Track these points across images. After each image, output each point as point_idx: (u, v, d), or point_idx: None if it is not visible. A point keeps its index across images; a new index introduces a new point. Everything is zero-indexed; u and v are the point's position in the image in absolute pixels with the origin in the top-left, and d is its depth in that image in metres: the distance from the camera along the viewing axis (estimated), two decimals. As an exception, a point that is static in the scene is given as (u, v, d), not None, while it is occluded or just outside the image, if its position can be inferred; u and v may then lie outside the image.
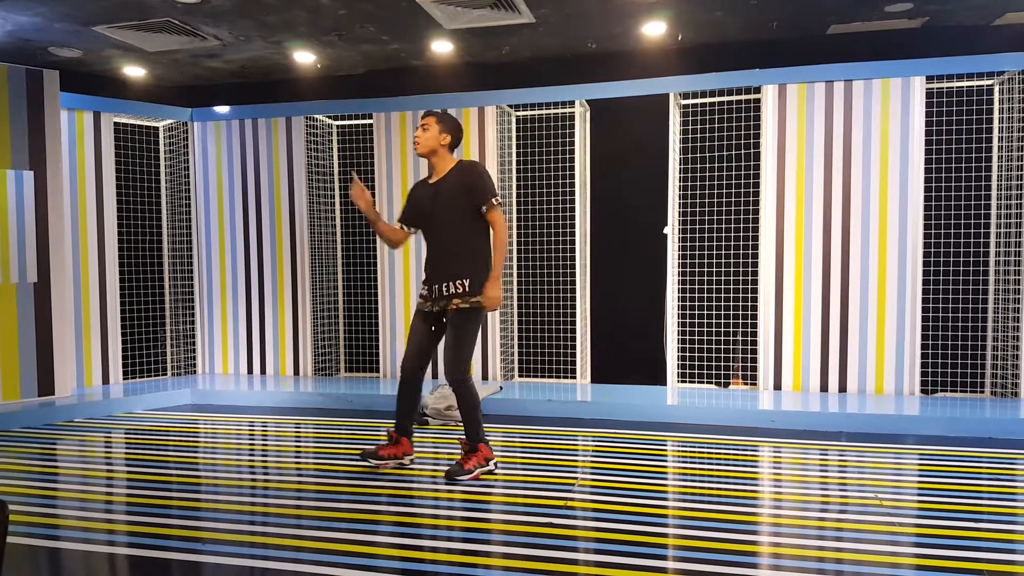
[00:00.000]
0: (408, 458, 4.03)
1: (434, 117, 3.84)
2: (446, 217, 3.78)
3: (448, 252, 3.79)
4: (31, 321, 5.51)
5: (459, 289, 3.75)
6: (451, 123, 3.86)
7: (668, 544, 2.96)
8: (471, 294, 3.75)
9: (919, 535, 3.03)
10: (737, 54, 5.80)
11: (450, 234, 3.79)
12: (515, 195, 6.34)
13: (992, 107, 5.37)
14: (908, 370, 5.35)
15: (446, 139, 3.83)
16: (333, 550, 2.91)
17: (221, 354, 6.79)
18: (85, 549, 2.97)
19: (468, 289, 3.75)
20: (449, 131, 3.83)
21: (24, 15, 5.05)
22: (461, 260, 3.77)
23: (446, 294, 3.78)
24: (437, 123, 3.82)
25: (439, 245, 3.84)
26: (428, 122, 3.82)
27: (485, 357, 6.17)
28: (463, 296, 3.75)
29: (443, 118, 3.85)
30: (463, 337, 3.77)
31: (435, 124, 3.81)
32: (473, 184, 3.75)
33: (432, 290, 3.84)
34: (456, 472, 3.77)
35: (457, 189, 3.76)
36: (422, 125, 3.83)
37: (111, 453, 4.65)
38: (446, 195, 3.78)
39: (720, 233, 5.81)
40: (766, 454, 4.30)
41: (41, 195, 5.54)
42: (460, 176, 3.79)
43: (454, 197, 3.76)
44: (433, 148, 3.82)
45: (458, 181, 3.78)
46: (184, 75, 6.69)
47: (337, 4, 4.95)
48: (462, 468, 3.78)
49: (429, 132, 3.80)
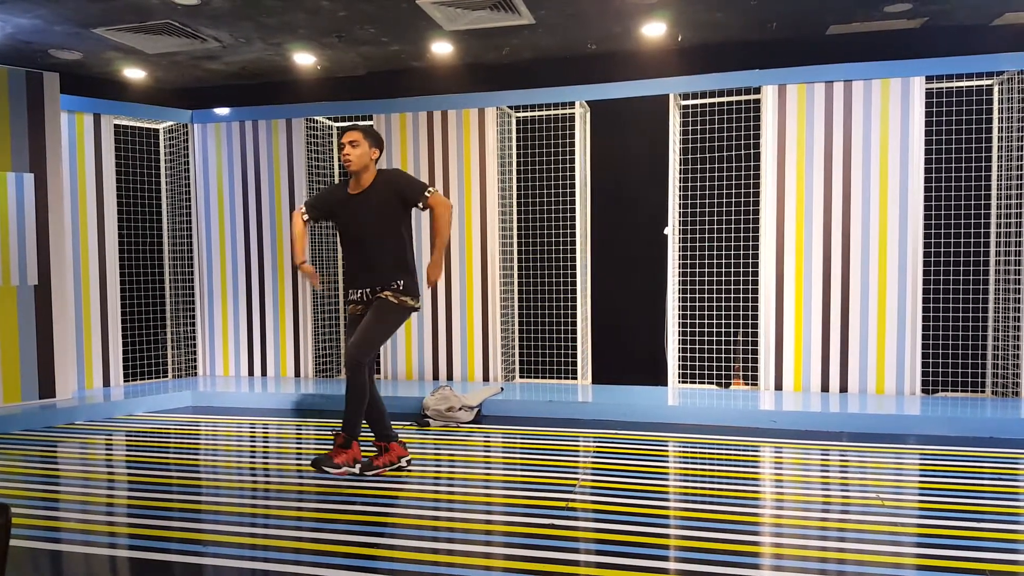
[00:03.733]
0: (405, 460, 4.00)
1: (361, 132, 3.87)
2: (378, 226, 3.85)
3: (381, 259, 3.86)
4: (32, 323, 5.51)
5: (393, 287, 3.87)
6: (377, 137, 3.94)
7: (669, 545, 2.96)
8: (403, 293, 3.86)
9: (921, 535, 3.03)
10: (737, 54, 5.81)
11: (382, 242, 3.86)
12: (516, 196, 6.34)
13: (992, 107, 5.37)
14: (909, 370, 5.35)
15: (376, 153, 3.91)
16: (333, 552, 2.91)
17: (222, 356, 6.79)
18: (86, 552, 2.97)
19: (401, 289, 3.86)
20: (378, 145, 3.92)
21: (24, 17, 5.06)
22: (394, 266, 3.87)
23: (379, 294, 3.87)
24: (365, 138, 3.86)
25: (370, 253, 3.88)
26: (356, 138, 3.84)
27: (486, 358, 6.18)
28: (395, 292, 3.85)
29: (369, 133, 3.90)
30: (380, 324, 3.82)
31: (363, 140, 3.85)
32: (406, 185, 3.87)
33: (364, 294, 3.90)
34: (323, 462, 3.78)
35: (389, 197, 3.85)
36: (350, 142, 3.83)
37: (112, 455, 4.65)
38: (378, 205, 3.85)
39: (720, 233, 5.81)
40: (767, 454, 4.30)
41: (41, 197, 5.54)
42: (389, 184, 3.88)
43: (386, 206, 3.85)
44: (366, 164, 3.87)
45: (388, 189, 3.86)
46: (184, 77, 6.70)
47: (337, 6, 4.95)
48: (331, 460, 3.79)
49: (360, 148, 3.83)
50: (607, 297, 6.32)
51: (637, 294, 6.27)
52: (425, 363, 6.33)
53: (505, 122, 6.26)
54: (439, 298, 6.26)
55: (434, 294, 6.27)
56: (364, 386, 3.78)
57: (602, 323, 6.34)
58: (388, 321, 3.86)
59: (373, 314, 3.82)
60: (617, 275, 6.30)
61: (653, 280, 6.06)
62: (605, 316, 6.34)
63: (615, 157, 6.23)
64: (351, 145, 3.83)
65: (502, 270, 6.21)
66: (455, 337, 6.24)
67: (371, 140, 3.88)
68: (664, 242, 5.88)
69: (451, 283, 6.22)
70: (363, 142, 3.84)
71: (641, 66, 6.03)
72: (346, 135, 3.86)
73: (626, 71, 5.97)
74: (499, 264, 6.15)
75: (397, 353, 6.38)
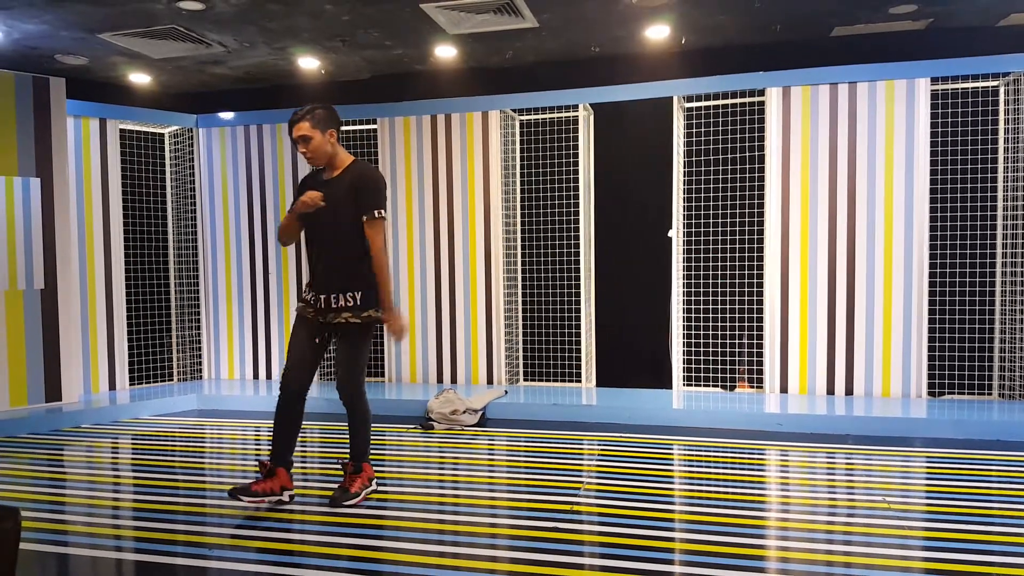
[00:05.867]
0: (288, 494, 3.46)
1: (307, 122, 3.34)
2: (336, 222, 3.37)
3: (337, 262, 3.41)
4: (38, 327, 5.53)
5: (349, 302, 3.41)
6: (324, 117, 3.38)
7: (675, 548, 2.95)
8: (362, 308, 3.41)
9: (928, 538, 3.01)
10: (740, 57, 5.80)
11: (340, 241, 3.39)
12: (519, 199, 6.35)
13: (998, 108, 5.35)
14: (915, 372, 5.33)
15: (332, 135, 3.40)
16: (339, 555, 2.91)
17: (227, 359, 6.80)
18: (92, 554, 2.98)
19: (359, 303, 3.41)
20: (330, 125, 3.39)
21: (31, 23, 5.08)
22: (351, 272, 3.41)
23: (335, 307, 3.42)
24: (314, 127, 3.34)
25: (328, 253, 3.43)
26: (304, 131, 3.34)
27: (490, 361, 6.18)
28: (354, 310, 3.41)
29: (315, 117, 3.36)
30: (357, 350, 3.47)
31: (312, 129, 3.33)
32: (363, 188, 3.37)
33: (319, 300, 3.45)
34: (342, 498, 3.47)
35: (347, 191, 3.37)
36: (301, 138, 3.35)
37: (118, 459, 4.66)
38: (339, 197, 3.36)
39: (725, 236, 5.80)
40: (773, 457, 4.28)
41: (48, 202, 5.56)
42: (353, 177, 3.40)
43: (344, 199, 3.36)
44: (327, 152, 3.40)
45: (351, 183, 3.39)
46: (189, 82, 6.72)
47: (341, 10, 4.97)
48: (347, 492, 3.49)
49: (315, 141, 3.35)
50: (611, 299, 6.31)
51: (641, 296, 6.26)
52: (429, 366, 6.33)
53: (509, 125, 6.27)
54: (443, 302, 6.27)
55: (438, 298, 6.27)
56: (368, 409, 3.57)
57: (606, 325, 6.33)
58: (364, 344, 3.49)
59: (346, 344, 3.46)
60: (621, 277, 6.29)
61: (657, 282, 6.05)
62: (609, 318, 6.33)
63: (619, 160, 6.23)
64: (303, 142, 3.35)
65: (506, 273, 6.21)
66: (459, 340, 6.24)
67: (321, 125, 3.36)
68: (668, 245, 5.87)
69: (455, 286, 6.23)
70: (314, 132, 3.34)
71: (645, 69, 6.02)
72: (293, 130, 3.36)
73: (630, 74, 5.97)
74: (503, 267, 6.15)
75: (401, 356, 6.39)
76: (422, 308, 6.31)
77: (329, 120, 3.40)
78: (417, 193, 6.28)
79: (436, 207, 6.25)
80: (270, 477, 3.41)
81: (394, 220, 6.35)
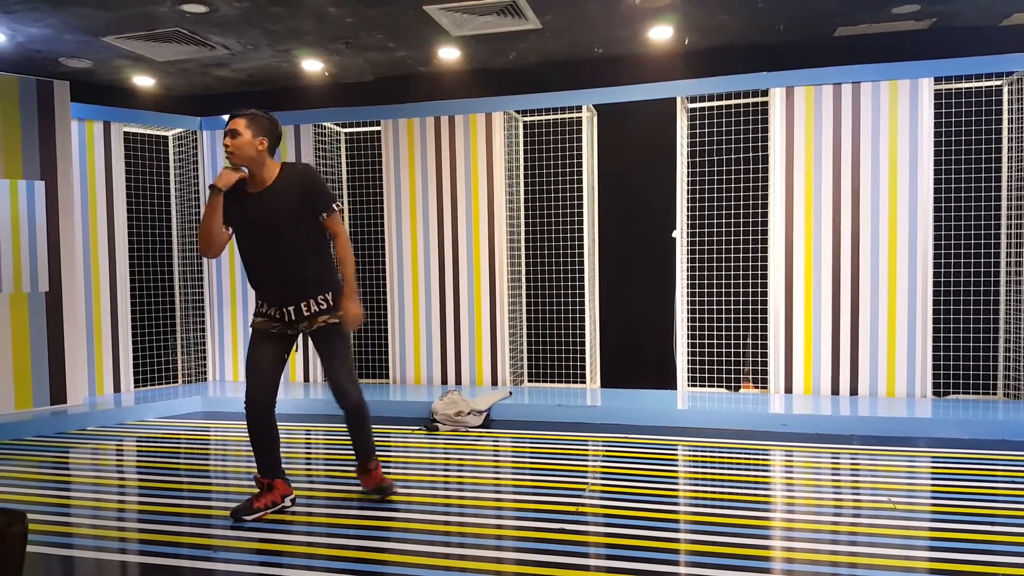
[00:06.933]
0: (289, 499, 3.51)
1: (244, 119, 3.28)
2: (290, 230, 3.30)
3: (299, 268, 3.35)
4: (43, 330, 5.54)
5: (323, 305, 3.40)
6: (264, 124, 3.31)
7: (679, 549, 2.95)
8: (336, 307, 3.42)
9: (933, 539, 3.01)
10: (744, 57, 5.80)
11: (299, 247, 3.33)
12: (523, 201, 6.35)
13: (1001, 108, 5.35)
14: (920, 372, 5.32)
15: (263, 143, 3.27)
16: (344, 557, 2.91)
17: (232, 361, 6.81)
18: (98, 557, 2.99)
19: (333, 303, 3.42)
20: (264, 133, 3.28)
21: (35, 27, 5.10)
22: (318, 274, 3.39)
23: (307, 314, 3.39)
24: (248, 126, 3.25)
25: (285, 262, 3.33)
26: (237, 126, 3.26)
27: (494, 362, 6.18)
28: (329, 311, 3.41)
29: (253, 119, 3.29)
30: (345, 348, 3.49)
31: (245, 128, 3.25)
32: (315, 187, 3.33)
33: (285, 312, 3.38)
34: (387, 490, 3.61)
35: (296, 195, 3.30)
36: (230, 131, 3.26)
37: (123, 461, 4.67)
38: (285, 205, 3.29)
39: (729, 236, 5.79)
40: (777, 458, 4.28)
41: (52, 205, 5.58)
42: (297, 180, 3.34)
43: (295, 205, 3.30)
44: (250, 156, 3.26)
45: (297, 186, 3.32)
46: (193, 84, 6.74)
47: (344, 12, 4.98)
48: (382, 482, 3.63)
49: (242, 138, 3.24)
50: (615, 300, 6.31)
51: (645, 297, 6.26)
52: (433, 368, 6.33)
53: (512, 127, 6.27)
54: (447, 303, 6.27)
55: (442, 299, 6.28)
56: (366, 406, 3.59)
57: (611, 326, 6.33)
58: (345, 345, 3.50)
59: (330, 345, 3.46)
60: (625, 278, 6.29)
61: (661, 283, 6.05)
62: (613, 319, 6.33)
63: (622, 161, 6.23)
64: (230, 136, 3.25)
65: (510, 274, 6.21)
66: (463, 341, 6.25)
67: (256, 128, 3.27)
68: (672, 245, 5.87)
69: (459, 287, 6.23)
70: (245, 131, 3.24)
71: (648, 70, 6.03)
72: (229, 123, 3.29)
73: (633, 75, 5.97)
74: (507, 268, 6.15)
75: (406, 358, 6.39)
76: (426, 310, 6.32)
77: (266, 128, 3.31)
78: (421, 195, 6.29)
79: (440, 209, 6.26)
80: (269, 491, 3.44)
81: (398, 222, 6.35)
